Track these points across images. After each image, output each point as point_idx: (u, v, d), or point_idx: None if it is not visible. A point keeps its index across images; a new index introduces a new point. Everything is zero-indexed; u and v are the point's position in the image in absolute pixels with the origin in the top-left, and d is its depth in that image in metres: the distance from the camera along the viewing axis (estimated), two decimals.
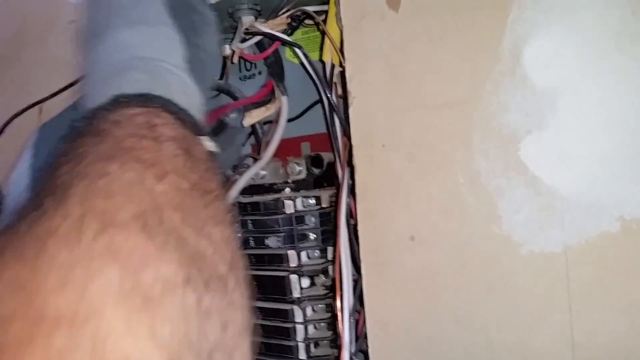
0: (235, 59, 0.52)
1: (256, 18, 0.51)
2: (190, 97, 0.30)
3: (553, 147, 0.30)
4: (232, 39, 0.52)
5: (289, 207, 0.46)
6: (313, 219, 0.46)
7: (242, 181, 0.50)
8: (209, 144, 0.29)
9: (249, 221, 0.48)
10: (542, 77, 0.31)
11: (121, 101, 0.25)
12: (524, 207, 0.31)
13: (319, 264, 0.46)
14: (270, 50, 0.48)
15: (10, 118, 0.61)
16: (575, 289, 0.29)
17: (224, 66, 0.55)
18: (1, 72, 0.73)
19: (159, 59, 0.30)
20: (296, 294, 0.45)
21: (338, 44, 0.41)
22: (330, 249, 0.46)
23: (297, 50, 0.46)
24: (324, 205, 0.46)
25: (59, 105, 0.57)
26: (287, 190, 0.51)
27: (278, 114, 0.54)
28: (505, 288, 0.31)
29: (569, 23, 0.30)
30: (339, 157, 0.42)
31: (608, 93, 0.29)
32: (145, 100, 0.25)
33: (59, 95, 0.63)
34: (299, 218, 0.46)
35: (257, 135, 0.57)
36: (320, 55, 0.44)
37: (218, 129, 0.51)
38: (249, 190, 0.54)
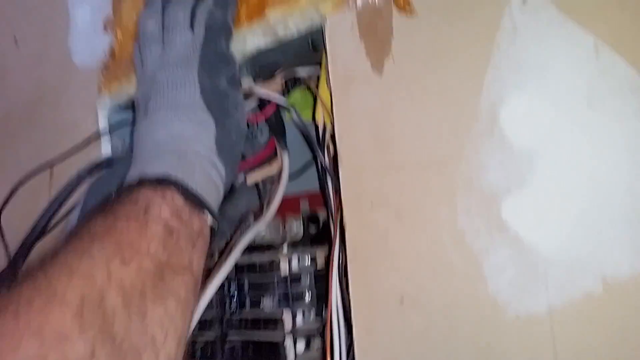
0: None
1: (254, 80, 0.53)
2: (214, 176, 0.37)
3: (533, 206, 0.31)
4: None
5: (285, 268, 0.46)
6: (309, 279, 0.46)
7: (244, 242, 0.49)
8: (209, 218, 0.34)
9: (246, 282, 0.49)
10: (518, 136, 0.31)
11: (140, 181, 0.32)
12: (508, 267, 0.31)
13: (314, 326, 0.45)
14: (268, 113, 0.50)
15: (22, 179, 0.63)
16: (561, 352, 0.28)
17: None
18: (17, 135, 0.77)
19: (191, 140, 0.37)
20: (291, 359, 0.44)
21: (329, 106, 0.42)
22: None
23: (291, 111, 0.47)
24: (319, 265, 0.46)
25: (69, 168, 0.59)
26: (285, 249, 0.51)
27: (280, 171, 0.55)
28: (494, 353, 0.31)
29: (541, 82, 0.31)
30: (332, 216, 0.43)
31: (583, 151, 0.29)
32: (161, 182, 0.32)
33: (69, 158, 0.64)
34: (295, 278, 0.46)
35: (260, 193, 0.59)
36: (313, 116, 0.46)
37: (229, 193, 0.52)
38: (248, 249, 0.54)
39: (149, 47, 0.43)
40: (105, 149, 0.63)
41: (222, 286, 0.51)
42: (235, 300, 0.51)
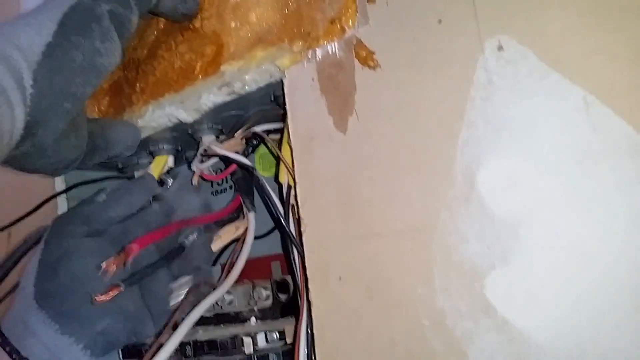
0: (195, 181, 0.50)
1: (217, 137, 0.50)
2: None
3: (521, 284, 0.26)
4: (193, 159, 0.51)
5: (249, 346, 0.41)
6: (277, 358, 0.41)
7: (199, 310, 0.44)
8: None
9: None
10: (499, 203, 0.27)
11: None
12: (496, 356, 0.26)
13: None
14: (226, 173, 0.47)
15: None
16: None
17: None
18: None
19: None
20: None
21: (292, 165, 0.39)
22: None
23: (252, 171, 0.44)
24: (288, 341, 0.41)
25: (26, 229, 0.55)
26: (253, 320, 0.46)
27: (245, 231, 0.50)
28: None
29: (524, 142, 0.28)
30: (299, 287, 0.38)
31: (577, 221, 0.26)
32: None
33: (25, 219, 0.61)
34: (262, 357, 0.41)
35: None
36: (276, 176, 0.42)
37: (175, 253, 0.47)
38: (213, 320, 0.49)
39: None
40: (62, 209, 0.59)
41: None
42: None
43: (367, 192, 0.32)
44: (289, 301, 0.46)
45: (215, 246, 0.51)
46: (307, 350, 0.35)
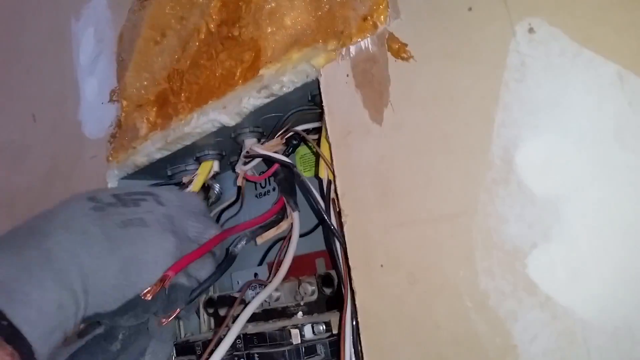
0: (240, 181, 0.52)
1: (259, 140, 0.52)
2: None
3: (563, 261, 0.26)
4: (237, 161, 0.53)
5: (296, 337, 0.42)
6: (324, 348, 0.42)
7: (252, 307, 0.46)
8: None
9: (256, 355, 0.45)
10: (539, 183, 0.28)
11: None
12: (541, 333, 0.26)
13: None
14: (269, 172, 0.48)
15: None
16: None
17: (238, 187, 0.55)
18: (36, 206, 0.77)
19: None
20: None
21: (330, 160, 0.40)
22: None
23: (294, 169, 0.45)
24: (335, 332, 0.42)
25: None
26: (300, 314, 0.48)
27: (290, 230, 0.52)
28: None
29: (561, 122, 0.28)
30: (342, 278, 0.39)
31: (616, 195, 0.25)
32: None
33: None
34: (309, 348, 0.42)
35: None
36: (316, 172, 0.43)
37: (228, 263, 0.48)
38: (262, 315, 0.51)
39: None
40: None
41: (231, 359, 0.47)
42: None
43: (405, 181, 0.33)
44: (334, 295, 0.47)
45: (260, 241, 0.53)
46: (353, 339, 0.36)
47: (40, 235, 0.35)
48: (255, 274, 0.60)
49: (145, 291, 0.38)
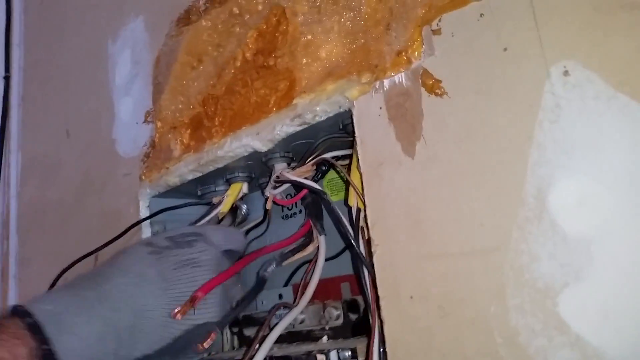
0: (269, 205, 0.53)
1: (289, 164, 0.53)
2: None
3: (595, 301, 0.27)
4: (266, 185, 0.54)
5: None
6: None
7: (279, 329, 0.47)
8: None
9: None
10: (571, 223, 0.28)
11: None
12: None
13: None
14: (297, 197, 0.49)
15: (70, 265, 0.64)
16: None
17: (265, 210, 0.56)
18: (67, 220, 0.79)
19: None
20: None
21: (361, 190, 0.41)
22: None
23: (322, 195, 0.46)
24: (361, 358, 0.43)
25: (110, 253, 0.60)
26: (325, 339, 0.48)
27: (316, 254, 0.53)
28: None
29: (595, 164, 0.28)
30: (369, 306, 0.40)
31: None
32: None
33: (111, 244, 0.65)
34: None
35: None
36: (346, 200, 0.44)
37: (259, 287, 0.49)
38: (286, 337, 0.51)
39: None
40: (146, 234, 0.63)
41: None
42: None
43: (437, 214, 0.34)
44: (359, 321, 0.48)
45: (286, 262, 0.54)
46: None
47: (102, 278, 0.40)
48: (280, 295, 0.61)
49: (175, 311, 0.40)
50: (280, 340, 0.51)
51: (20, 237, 0.95)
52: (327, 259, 0.52)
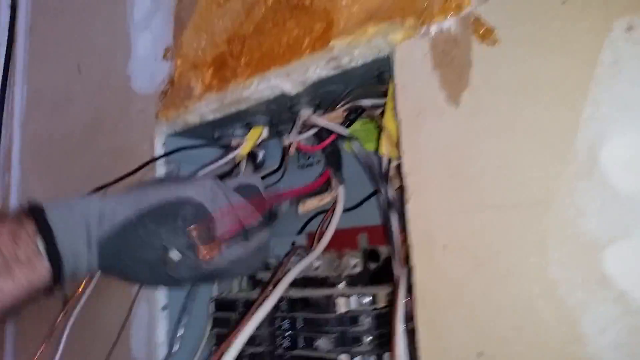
0: (293, 151, 0.52)
1: (314, 111, 0.52)
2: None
3: None
4: (291, 130, 0.53)
5: (342, 306, 0.43)
6: (368, 320, 0.43)
7: (294, 272, 0.47)
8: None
9: (299, 318, 0.46)
10: (623, 180, 0.28)
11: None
12: (611, 327, 0.27)
13: None
14: (326, 143, 0.48)
15: None
16: None
17: (283, 156, 0.56)
18: (74, 155, 0.78)
19: None
20: None
21: (395, 138, 0.40)
22: (387, 355, 0.42)
23: (352, 142, 0.45)
24: (380, 305, 0.43)
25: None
26: (342, 285, 0.48)
27: (334, 203, 0.53)
28: None
29: None
30: (396, 254, 0.40)
31: None
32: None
33: (120, 181, 0.63)
34: (353, 318, 0.43)
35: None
36: (377, 148, 0.43)
37: (272, 219, 0.50)
38: (301, 282, 0.52)
39: None
40: (160, 172, 0.62)
41: (273, 320, 0.49)
42: (287, 336, 0.48)
43: (479, 165, 0.33)
44: (378, 270, 0.48)
45: (300, 210, 0.54)
46: (405, 316, 0.37)
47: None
48: (293, 242, 0.61)
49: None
50: (295, 284, 0.52)
51: (22, 171, 0.93)
52: (345, 210, 0.52)
